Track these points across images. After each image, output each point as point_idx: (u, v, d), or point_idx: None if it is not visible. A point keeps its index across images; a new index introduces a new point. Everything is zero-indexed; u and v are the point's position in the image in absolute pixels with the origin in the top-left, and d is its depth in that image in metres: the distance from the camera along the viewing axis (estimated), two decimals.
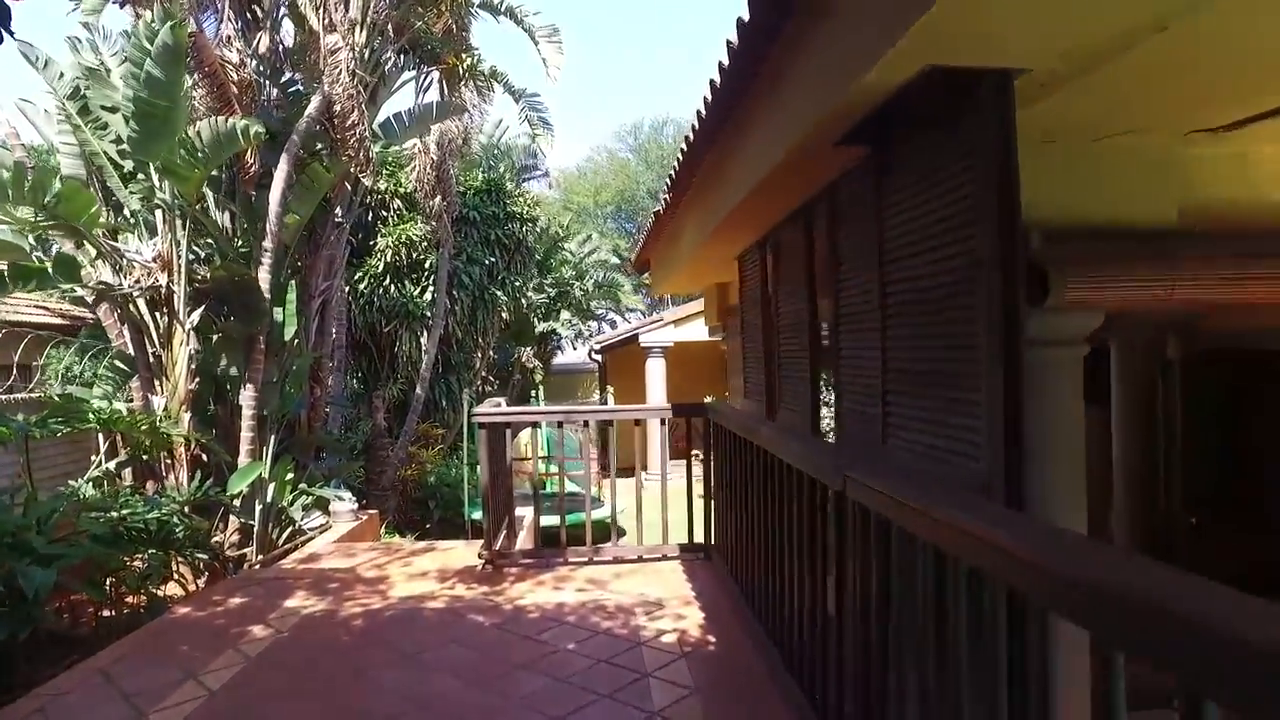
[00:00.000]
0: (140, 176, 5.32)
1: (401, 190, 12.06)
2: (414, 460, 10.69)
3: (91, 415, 4.79)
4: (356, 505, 6.44)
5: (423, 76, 8.31)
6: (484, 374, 13.85)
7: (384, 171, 12.20)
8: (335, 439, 7.92)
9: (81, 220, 4.91)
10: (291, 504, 6.26)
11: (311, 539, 6.11)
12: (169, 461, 5.68)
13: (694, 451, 14.79)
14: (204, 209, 5.89)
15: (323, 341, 7.31)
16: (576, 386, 23.85)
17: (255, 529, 5.88)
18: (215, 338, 5.88)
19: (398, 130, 8.12)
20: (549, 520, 9.81)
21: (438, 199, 10.08)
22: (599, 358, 21.68)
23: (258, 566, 5.29)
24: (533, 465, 5.85)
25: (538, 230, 14.33)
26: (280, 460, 6.32)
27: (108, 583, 4.15)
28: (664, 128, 28.99)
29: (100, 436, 6.03)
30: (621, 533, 10.76)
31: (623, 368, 17.81)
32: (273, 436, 6.25)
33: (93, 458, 6.04)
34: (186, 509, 4.97)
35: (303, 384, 7.01)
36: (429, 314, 11.69)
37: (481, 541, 4.68)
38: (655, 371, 14.59)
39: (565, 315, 17.44)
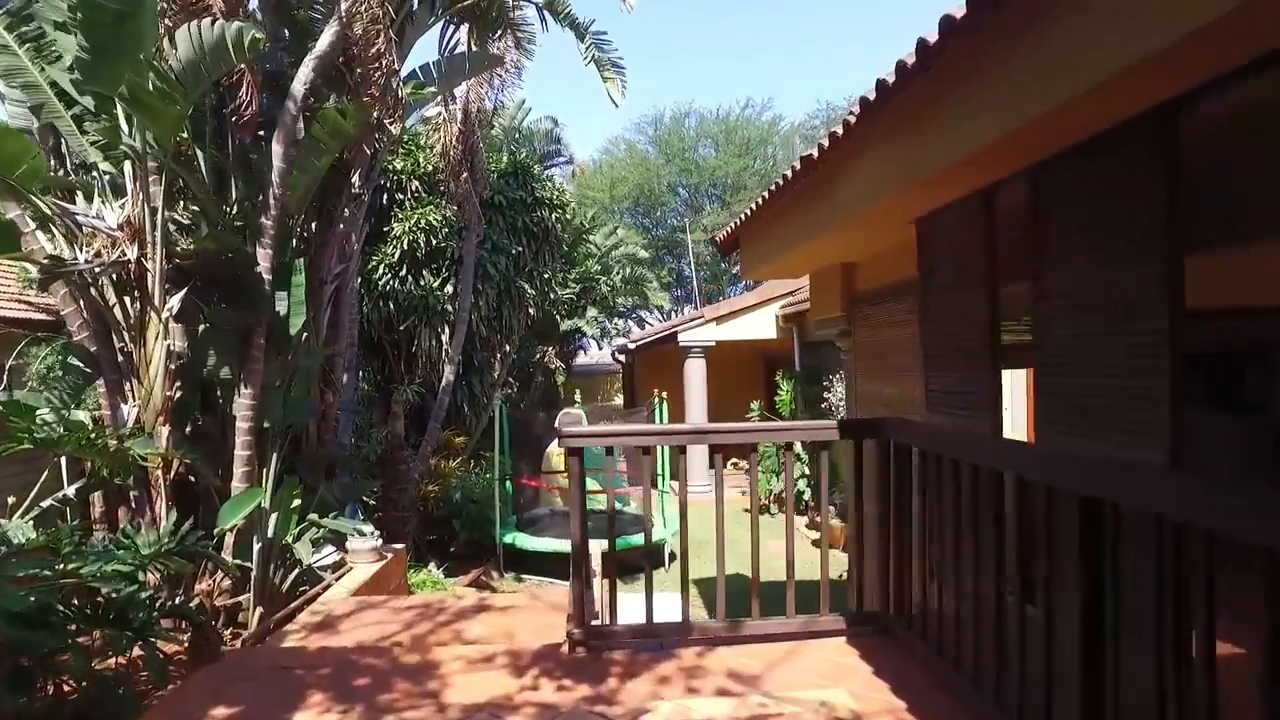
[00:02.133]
0: (103, 118, 4.03)
1: (420, 170, 10.79)
2: (436, 473, 9.41)
3: (22, 433, 3.50)
4: (379, 540, 5.14)
5: (449, 17, 6.95)
6: (503, 375, 12.55)
7: (400, 150, 10.95)
8: (349, 454, 6.63)
9: (16, 173, 3.62)
10: (298, 538, 4.98)
11: (326, 586, 4.82)
12: (138, 490, 4.39)
13: (733, 460, 13.46)
14: (188, 163, 4.61)
15: (336, 336, 6.03)
16: (597, 390, 22.56)
17: (254, 574, 4.60)
18: (202, 330, 4.59)
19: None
20: (563, 545, 8.48)
21: (464, 176, 8.79)
22: (623, 358, 20.41)
23: (253, 641, 3.99)
24: (608, 485, 4.54)
25: (566, 218, 13.04)
26: (284, 484, 5.04)
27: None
28: (685, 119, 27.66)
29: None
30: (671, 557, 9.44)
31: (655, 369, 16.49)
32: (275, 454, 4.97)
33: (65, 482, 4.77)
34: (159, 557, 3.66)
35: (311, 388, 5.73)
36: (450, 308, 10.41)
37: (547, 597, 3.41)
38: (695, 373, 13.30)
39: (592, 312, 16.13)
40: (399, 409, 7.55)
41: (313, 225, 5.76)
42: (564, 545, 8.24)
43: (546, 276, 11.92)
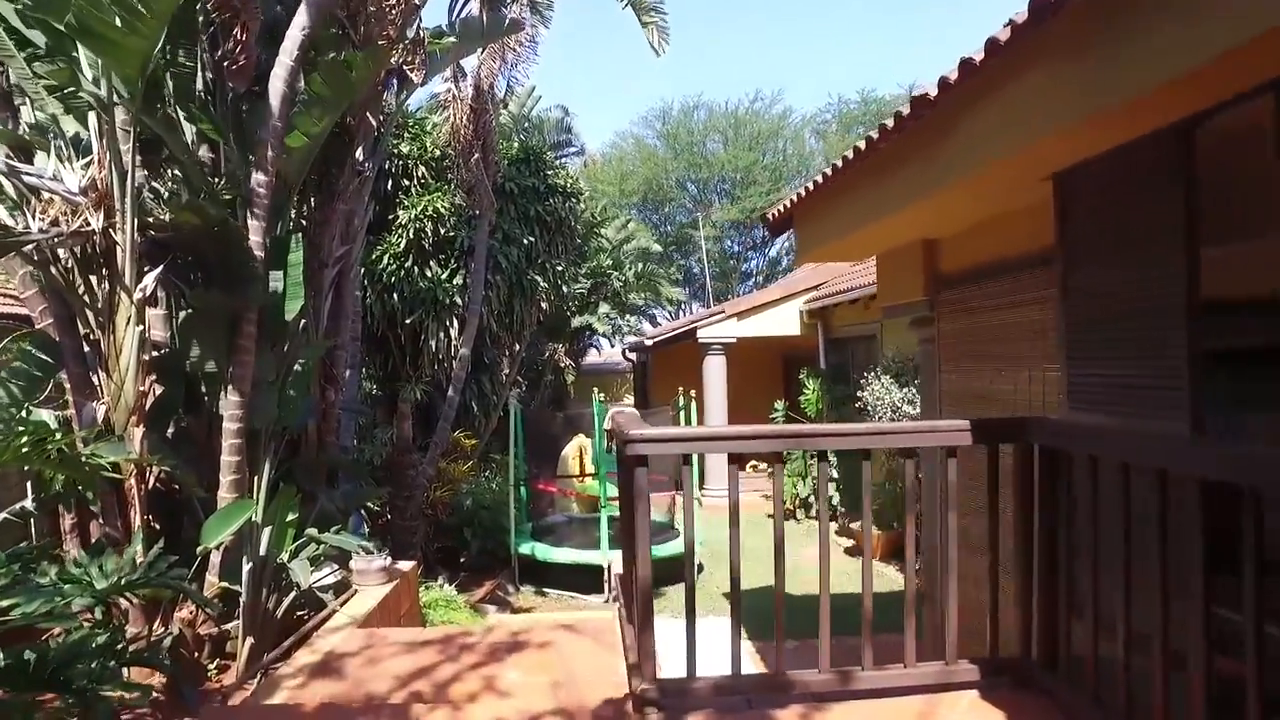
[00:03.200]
0: (58, 59, 3.38)
1: (427, 155, 10.15)
2: (444, 477, 8.76)
3: None
4: (388, 560, 4.48)
5: None
6: (513, 373, 11.86)
7: (406, 133, 10.31)
8: (354, 459, 5.97)
9: None
10: (294, 556, 4.33)
11: (329, 613, 4.17)
12: (104, 503, 3.75)
13: (751, 462, 12.76)
14: (168, 123, 3.95)
15: (338, 327, 5.38)
16: (606, 390, 21.88)
17: (243, 598, 3.95)
18: (184, 316, 3.94)
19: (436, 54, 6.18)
20: (585, 556, 7.75)
21: (475, 159, 8.13)
22: (634, 357, 19.75)
23: (239, 681, 3.33)
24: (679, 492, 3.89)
25: (580, 208, 12.38)
26: (280, 493, 4.38)
27: None
28: (694, 112, 27.01)
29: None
30: (699, 569, 8.79)
31: (670, 368, 15.84)
32: (268, 460, 4.31)
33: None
34: (120, 590, 3.01)
35: (311, 384, 5.08)
36: (460, 300, 9.76)
37: (587, 626, 2.76)
38: (714, 372, 12.65)
39: (604, 309, 15.47)
40: (406, 409, 6.89)
41: (311, 200, 5.10)
42: (588, 556, 7.59)
43: (560, 268, 11.26)
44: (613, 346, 17.71)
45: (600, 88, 49.49)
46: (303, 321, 4.47)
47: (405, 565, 4.90)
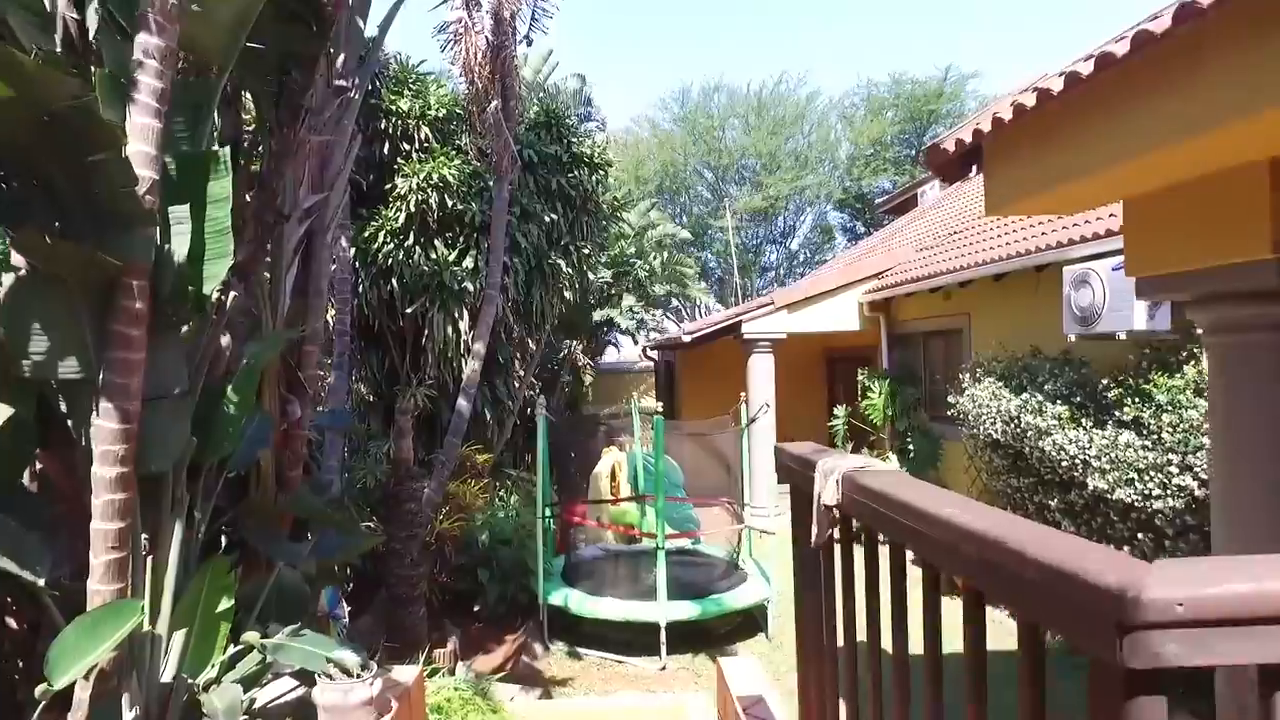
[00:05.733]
0: None
1: (431, 114, 8.48)
2: (453, 503, 7.10)
3: None
4: (375, 685, 2.77)
5: None
6: (522, 373, 10.13)
7: (406, 90, 8.64)
8: (334, 497, 4.29)
9: None
10: (222, 675, 2.66)
11: None
12: None
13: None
14: None
15: (307, 309, 3.72)
16: (623, 392, 20.21)
17: None
18: (12, 282, 2.26)
19: None
20: (635, 610, 6.04)
21: (494, 105, 6.46)
22: (655, 356, 18.07)
23: None
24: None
25: (608, 182, 10.71)
26: (206, 571, 2.73)
27: None
28: (714, 93, 25.31)
29: None
30: (757, 628, 6.95)
31: (704, 368, 14.15)
32: (179, 520, 2.65)
33: None
34: None
35: (266, 395, 3.43)
36: (470, 286, 8.11)
37: None
38: (761, 373, 10.97)
39: (628, 301, 13.77)
40: (406, 423, 5.22)
41: (266, 112, 3.44)
42: (638, 612, 5.92)
43: (586, 252, 9.59)
44: (636, 344, 16.03)
45: (612, 72, 47.56)
46: (231, 296, 2.80)
47: (406, 673, 3.23)
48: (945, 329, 9.48)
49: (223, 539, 3.47)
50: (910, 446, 9.53)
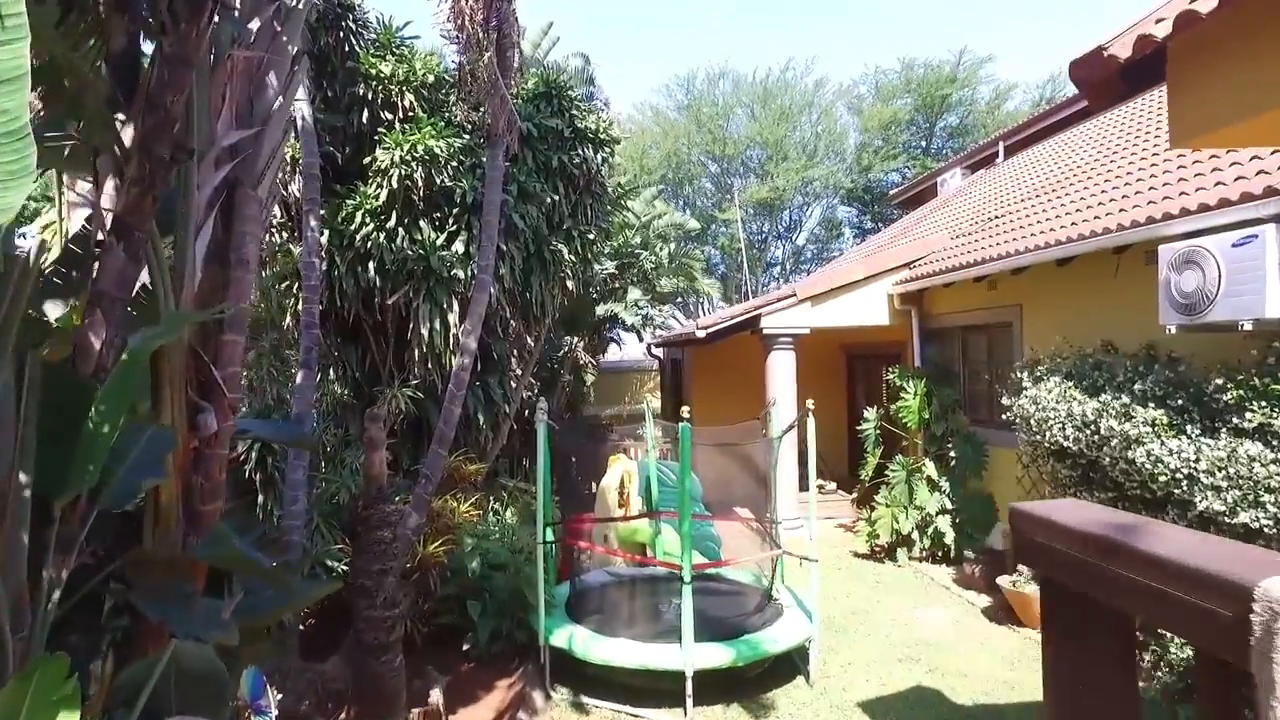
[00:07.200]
0: None
1: (417, 80, 7.51)
2: (439, 522, 6.14)
3: None
4: None
5: None
6: (520, 372, 9.14)
7: (389, 54, 7.68)
8: (273, 539, 3.30)
9: None
10: None
11: None
12: None
13: (819, 482, 9.37)
14: None
15: (228, 283, 2.74)
16: (624, 392, 19.26)
17: None
18: None
19: None
20: (653, 656, 4.96)
21: (489, 56, 5.49)
22: (660, 353, 17.11)
23: None
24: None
25: (616, 162, 9.73)
26: (30, 677, 1.77)
27: None
28: (719, 80, 24.33)
29: None
30: (795, 670, 5.88)
31: (717, 366, 13.18)
32: None
33: None
34: None
35: (163, 403, 2.47)
36: (460, 273, 7.14)
37: None
38: (782, 371, 10.02)
39: (634, 295, 12.79)
40: (378, 433, 4.24)
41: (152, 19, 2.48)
42: (657, 658, 4.94)
43: (590, 237, 8.61)
44: (640, 341, 15.05)
45: (615, 55, 46.33)
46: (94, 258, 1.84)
47: None
48: (990, 322, 8.54)
49: (105, 602, 2.52)
50: (951, 452, 8.58)
